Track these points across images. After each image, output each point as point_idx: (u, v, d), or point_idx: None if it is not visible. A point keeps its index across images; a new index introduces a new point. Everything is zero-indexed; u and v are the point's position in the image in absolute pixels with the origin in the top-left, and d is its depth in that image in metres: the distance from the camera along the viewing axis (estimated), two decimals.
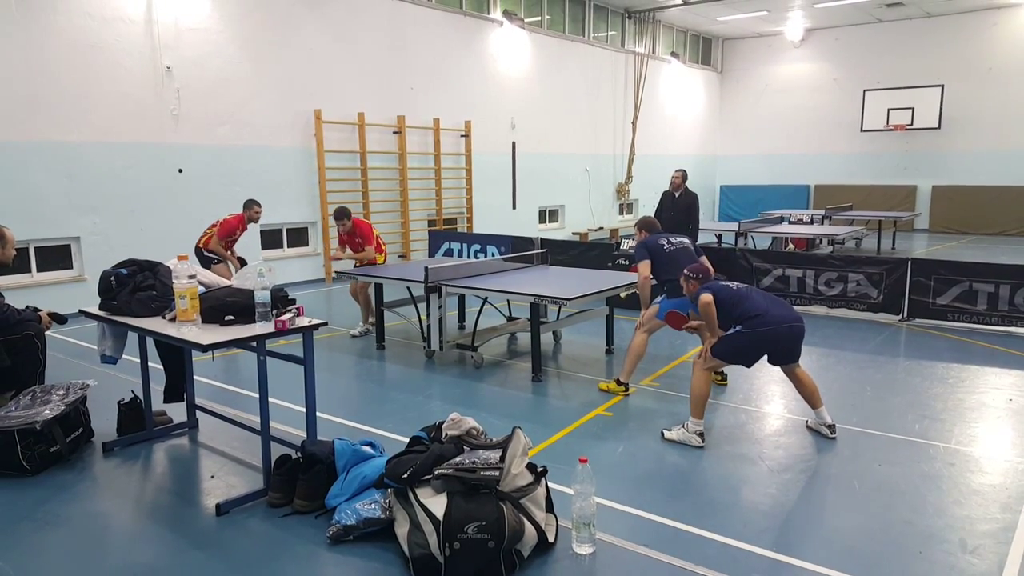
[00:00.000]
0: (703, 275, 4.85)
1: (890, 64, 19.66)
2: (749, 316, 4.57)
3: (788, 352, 4.71)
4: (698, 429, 4.62)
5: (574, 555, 3.26)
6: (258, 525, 3.59)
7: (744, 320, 4.59)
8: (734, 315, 4.63)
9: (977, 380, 6.09)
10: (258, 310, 3.79)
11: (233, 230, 8.10)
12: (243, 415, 4.88)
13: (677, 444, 4.63)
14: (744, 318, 4.59)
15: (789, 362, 4.78)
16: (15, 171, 8.45)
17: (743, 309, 4.61)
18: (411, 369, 6.55)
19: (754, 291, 4.83)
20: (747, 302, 4.64)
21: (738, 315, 4.62)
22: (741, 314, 4.60)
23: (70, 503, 3.87)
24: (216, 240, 8.05)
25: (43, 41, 8.55)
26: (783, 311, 4.67)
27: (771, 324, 4.54)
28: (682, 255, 5.69)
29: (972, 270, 7.96)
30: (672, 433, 4.71)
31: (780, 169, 21.90)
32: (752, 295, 4.74)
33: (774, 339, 4.59)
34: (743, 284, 4.91)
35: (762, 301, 4.69)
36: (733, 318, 4.65)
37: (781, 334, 4.58)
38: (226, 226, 8.07)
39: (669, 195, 9.81)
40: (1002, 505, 3.79)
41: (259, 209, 8.21)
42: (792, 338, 4.64)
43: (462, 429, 3.60)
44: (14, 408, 4.40)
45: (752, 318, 4.56)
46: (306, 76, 11.34)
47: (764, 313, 4.56)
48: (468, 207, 14.44)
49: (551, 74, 16.32)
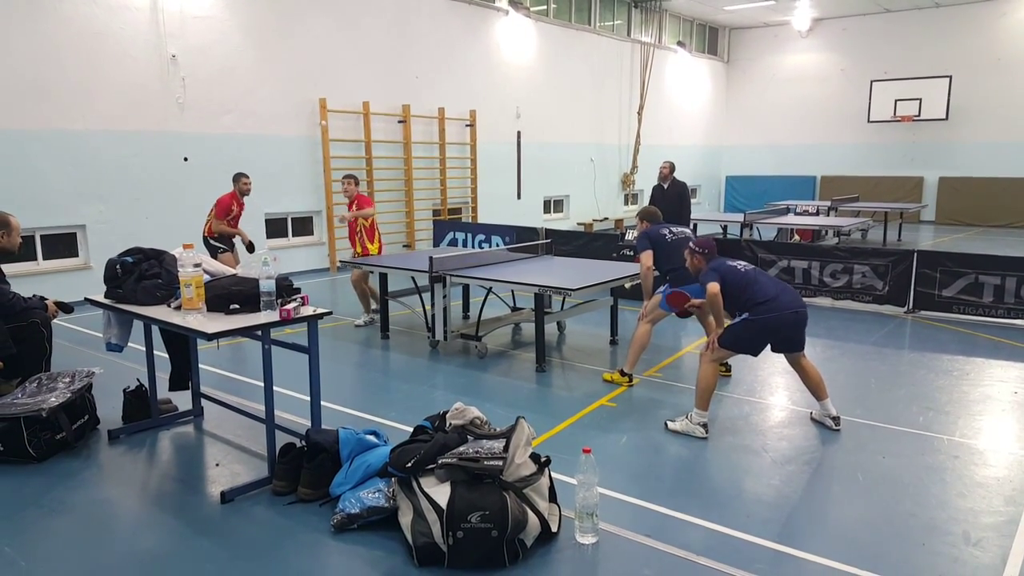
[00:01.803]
0: (708, 250, 4.81)
1: (898, 54, 19.51)
2: (757, 302, 4.48)
3: (792, 340, 4.66)
4: (702, 421, 4.60)
5: (577, 545, 3.27)
6: (262, 513, 3.61)
7: (752, 306, 4.50)
8: (742, 299, 4.54)
9: (982, 373, 6.08)
10: (263, 299, 3.80)
11: (228, 207, 8.00)
12: (248, 403, 4.90)
13: (680, 435, 4.63)
14: (752, 304, 4.50)
15: (793, 351, 4.73)
16: (21, 159, 8.47)
17: (751, 294, 4.52)
18: (415, 359, 6.56)
19: (760, 273, 4.73)
20: (755, 286, 4.55)
21: (746, 299, 4.53)
22: (749, 299, 4.51)
23: (76, 490, 3.90)
24: (216, 221, 7.97)
25: (49, 29, 8.54)
26: (790, 297, 4.60)
27: (777, 311, 4.47)
28: (684, 245, 5.61)
29: (978, 262, 7.92)
30: (676, 424, 4.71)
31: (786, 160, 21.79)
32: (759, 278, 4.64)
33: (779, 326, 4.53)
34: (749, 265, 4.80)
35: (771, 286, 4.61)
36: (741, 302, 4.55)
37: (786, 321, 4.52)
38: (220, 205, 8.00)
39: (659, 187, 10.03)
40: (1006, 498, 3.79)
41: (247, 180, 8.10)
42: (797, 325, 4.59)
43: (466, 419, 3.60)
44: (20, 395, 4.42)
45: (760, 304, 4.48)
46: (311, 65, 11.31)
47: (772, 299, 4.48)
48: (473, 197, 14.41)
49: (556, 63, 16.24)
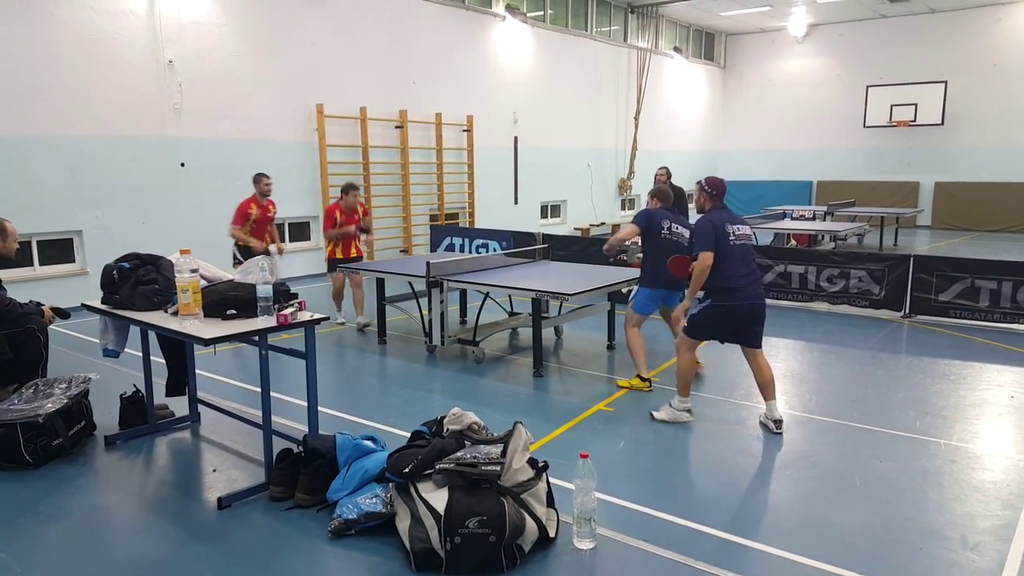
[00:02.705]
0: (717, 191, 4.83)
1: (893, 60, 19.60)
2: (725, 287, 4.63)
3: (748, 334, 4.78)
4: (686, 406, 4.81)
5: (575, 550, 3.27)
6: (260, 519, 3.60)
7: (717, 291, 4.66)
8: (714, 273, 4.64)
9: (979, 377, 6.09)
10: (260, 304, 3.80)
11: (245, 211, 7.65)
12: (245, 409, 4.89)
13: (677, 432, 4.64)
14: (717, 288, 4.65)
15: (750, 345, 4.83)
16: (17, 164, 8.46)
17: (722, 272, 4.62)
18: (412, 364, 6.55)
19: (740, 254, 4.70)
20: (728, 264, 4.63)
21: (716, 274, 4.63)
22: (719, 275, 4.62)
23: (72, 496, 3.89)
24: (233, 227, 7.63)
25: (46, 34, 8.54)
26: (754, 290, 4.70)
27: (739, 300, 4.65)
28: (673, 249, 5.41)
29: (974, 267, 7.95)
30: (661, 413, 4.88)
31: (782, 165, 21.85)
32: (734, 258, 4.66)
33: (735, 314, 4.69)
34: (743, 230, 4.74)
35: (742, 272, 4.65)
36: (711, 278, 4.65)
37: (743, 311, 4.68)
38: (238, 210, 7.68)
39: None
40: (1003, 502, 3.80)
41: (268, 181, 7.81)
42: (753, 317, 4.72)
43: (463, 424, 3.60)
44: (16, 401, 4.41)
45: (727, 290, 4.63)
46: (308, 70, 11.33)
47: (737, 289, 4.63)
48: (470, 202, 14.43)
49: (554, 69, 16.28)
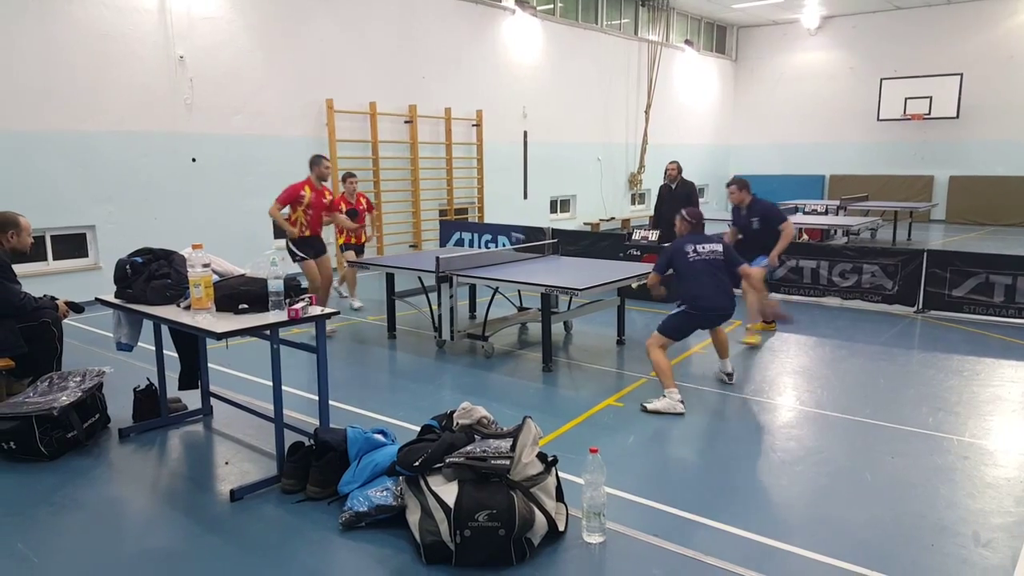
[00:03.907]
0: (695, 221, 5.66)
1: (908, 52, 19.38)
2: (693, 294, 5.30)
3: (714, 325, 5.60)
4: (677, 397, 5.04)
5: (584, 544, 3.28)
6: (271, 511, 3.63)
7: (689, 298, 5.32)
8: (682, 287, 5.39)
9: (993, 373, 6.04)
10: (271, 299, 3.82)
11: (295, 193, 6.98)
12: (257, 402, 4.92)
13: (686, 428, 4.64)
14: (689, 296, 5.32)
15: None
16: (31, 160, 8.52)
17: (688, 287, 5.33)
18: (422, 358, 6.57)
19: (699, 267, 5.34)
20: (692, 281, 5.32)
21: (684, 289, 5.37)
22: (686, 291, 5.35)
23: (87, 488, 3.93)
24: (273, 206, 6.97)
25: (57, 31, 8.59)
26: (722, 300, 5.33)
27: (707, 307, 5.30)
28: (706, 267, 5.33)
29: (989, 261, 7.88)
30: (655, 403, 5.02)
31: (795, 159, 21.69)
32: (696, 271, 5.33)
33: (705, 318, 5.39)
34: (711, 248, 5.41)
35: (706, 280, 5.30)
36: (682, 290, 5.40)
37: (711, 317, 5.40)
38: (286, 190, 7.01)
39: (667, 187, 9.96)
40: (1016, 499, 3.77)
41: (328, 164, 7.17)
42: (719, 320, 5.48)
43: (473, 418, 3.61)
44: (32, 394, 4.46)
45: (696, 297, 5.29)
46: (318, 65, 11.34)
47: (704, 296, 5.28)
48: (479, 197, 14.42)
49: (563, 63, 16.22)
